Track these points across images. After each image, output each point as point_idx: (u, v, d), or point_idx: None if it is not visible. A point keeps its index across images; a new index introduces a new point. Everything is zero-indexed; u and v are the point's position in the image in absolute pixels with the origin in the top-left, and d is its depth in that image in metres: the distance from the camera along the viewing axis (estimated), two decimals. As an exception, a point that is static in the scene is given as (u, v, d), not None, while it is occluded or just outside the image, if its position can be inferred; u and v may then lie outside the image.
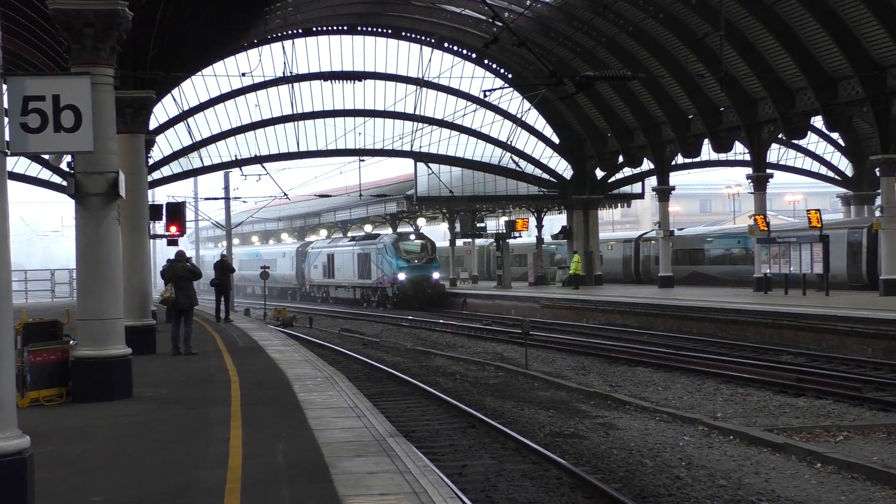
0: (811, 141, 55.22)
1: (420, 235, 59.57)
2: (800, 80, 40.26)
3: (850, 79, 38.11)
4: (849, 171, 56.39)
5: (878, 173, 41.35)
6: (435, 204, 60.98)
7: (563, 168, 58.53)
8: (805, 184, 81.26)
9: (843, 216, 58.01)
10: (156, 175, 50.15)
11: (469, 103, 53.96)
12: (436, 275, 56.27)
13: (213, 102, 51.82)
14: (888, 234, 37.07)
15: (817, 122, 45.92)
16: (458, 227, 63.54)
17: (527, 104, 53.69)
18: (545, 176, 58.09)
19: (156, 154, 47.77)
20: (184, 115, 50.17)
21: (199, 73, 47.27)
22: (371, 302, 59.53)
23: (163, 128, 49.17)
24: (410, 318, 46.54)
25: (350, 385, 16.96)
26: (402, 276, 55.29)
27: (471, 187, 58.07)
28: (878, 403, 18.79)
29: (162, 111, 48.63)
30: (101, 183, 14.97)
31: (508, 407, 19.55)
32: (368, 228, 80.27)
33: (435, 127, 55.04)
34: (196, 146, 51.54)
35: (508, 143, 54.73)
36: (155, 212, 29.43)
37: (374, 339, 36.69)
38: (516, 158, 55.34)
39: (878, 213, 43.73)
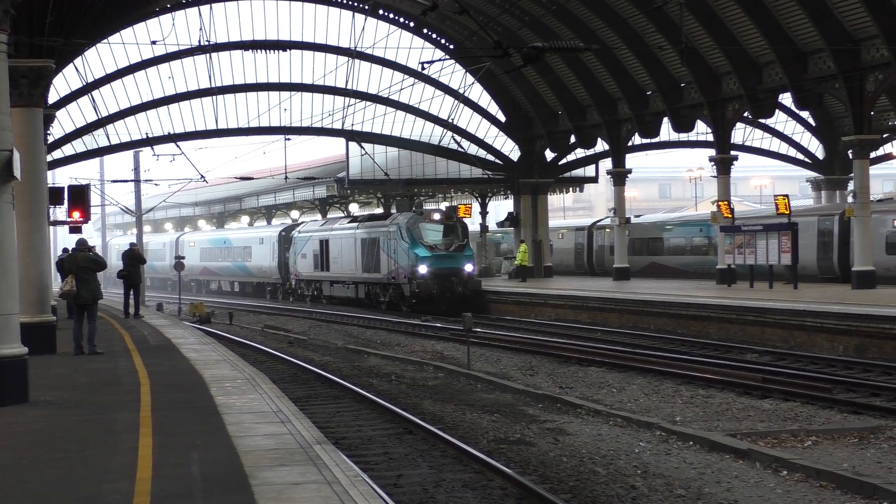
0: (779, 120, 55.88)
1: (448, 214, 49.55)
2: (767, 54, 40.72)
3: (822, 52, 38.60)
4: (820, 154, 57.16)
5: (850, 155, 42.00)
6: (369, 188, 60.88)
7: (510, 149, 58.72)
8: (773, 167, 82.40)
9: (814, 202, 58.80)
10: (56, 154, 49.50)
11: (406, 77, 53.90)
12: (469, 267, 46.87)
13: (120, 74, 51.20)
14: (861, 221, 37.62)
15: (786, 99, 46.50)
16: (394, 214, 63.38)
17: (470, 78, 53.74)
18: (490, 157, 58.24)
19: (56, 131, 47.14)
20: (88, 88, 49.51)
21: (105, 40, 46.72)
22: (380, 303, 50.01)
23: (64, 102, 48.47)
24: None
25: (273, 387, 16.89)
26: (423, 269, 45.72)
27: (408, 169, 57.97)
28: (850, 405, 19.11)
29: (63, 83, 47.93)
30: (-7, 162, 14.74)
31: (448, 411, 19.60)
32: (295, 215, 79.75)
33: (369, 103, 54.90)
34: (102, 122, 50.91)
35: (450, 120, 54.68)
36: (55, 195, 28.96)
37: (300, 337, 36.59)
38: (458, 138, 55.35)
39: (850, 199, 44.40)
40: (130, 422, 13.16)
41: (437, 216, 48.41)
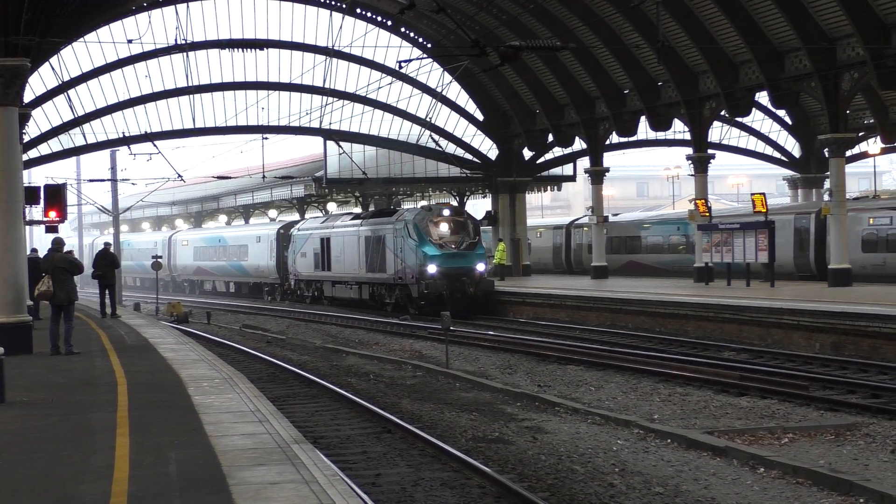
0: (756, 119, 56.06)
1: (458, 210, 47.10)
2: (744, 53, 40.86)
3: (798, 51, 38.76)
4: (796, 152, 57.40)
5: (826, 154, 42.18)
6: (347, 186, 60.75)
7: (488, 148, 58.73)
8: (749, 165, 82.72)
9: (790, 200, 59.06)
10: (32, 154, 49.26)
11: (384, 76, 53.86)
12: (481, 266, 44.10)
13: (97, 73, 51.00)
14: (837, 219, 37.81)
15: (763, 98, 46.66)
16: (372, 213, 63.18)
17: (447, 77, 53.75)
18: (468, 156, 58.22)
19: (32, 130, 46.95)
20: (64, 87, 49.30)
21: (81, 39, 46.49)
22: (385, 304, 46.81)
23: (40, 101, 48.28)
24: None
25: (251, 387, 16.86)
26: (432, 269, 42.66)
27: (386, 168, 57.87)
28: (826, 403, 19.23)
29: (38, 82, 47.75)
30: (-31, 162, 14.68)
31: (427, 409, 19.60)
32: (273, 214, 79.48)
33: (346, 101, 54.83)
34: (78, 121, 50.69)
35: (428, 119, 54.70)
36: (31, 195, 28.89)
37: (279, 336, 36.52)
38: (436, 137, 55.36)
39: (826, 197, 44.57)
40: (107, 422, 13.11)
41: (446, 212, 45.43)
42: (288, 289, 60.01)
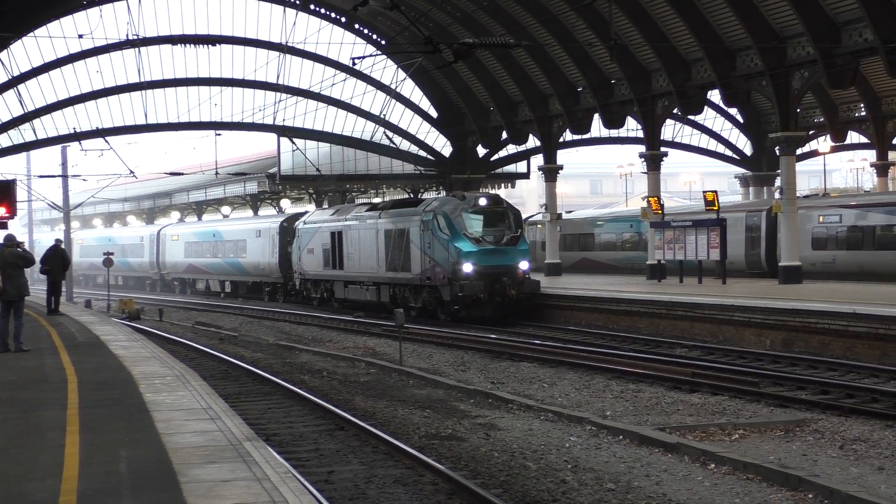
0: (708, 117, 56.52)
1: (495, 199, 40.14)
2: (696, 51, 41.15)
3: (749, 50, 39.08)
4: (748, 150, 57.88)
5: (777, 152, 42.50)
6: (301, 183, 60.66)
7: (442, 145, 58.79)
8: (702, 163, 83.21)
9: (742, 198, 59.53)
10: (-19, 149, 48.82)
11: (338, 72, 53.78)
12: (524, 264, 38.22)
13: (47, 67, 50.58)
14: (787, 217, 38.15)
15: (714, 96, 47.02)
16: (326, 209, 63.01)
17: (402, 74, 53.69)
18: (423, 153, 58.27)
19: (-19, 125, 46.50)
20: (14, 82, 48.84)
21: (31, 33, 46.09)
22: (410, 308, 39.61)
23: (-12, 96, 47.87)
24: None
25: (204, 384, 16.75)
26: (467, 268, 36.87)
27: (340, 165, 57.81)
28: (776, 399, 19.41)
29: (-12, 76, 47.34)
30: (-84, 157, 14.51)
31: (380, 407, 19.60)
32: (227, 210, 79.05)
33: (300, 98, 54.71)
34: (28, 117, 50.27)
35: (382, 116, 54.62)
36: (-20, 190, 28.60)
37: (231, 334, 36.39)
38: (390, 134, 55.27)
39: (777, 195, 44.97)
40: (57, 419, 12.99)
41: (483, 202, 39.10)
42: (292, 289, 53.89)
